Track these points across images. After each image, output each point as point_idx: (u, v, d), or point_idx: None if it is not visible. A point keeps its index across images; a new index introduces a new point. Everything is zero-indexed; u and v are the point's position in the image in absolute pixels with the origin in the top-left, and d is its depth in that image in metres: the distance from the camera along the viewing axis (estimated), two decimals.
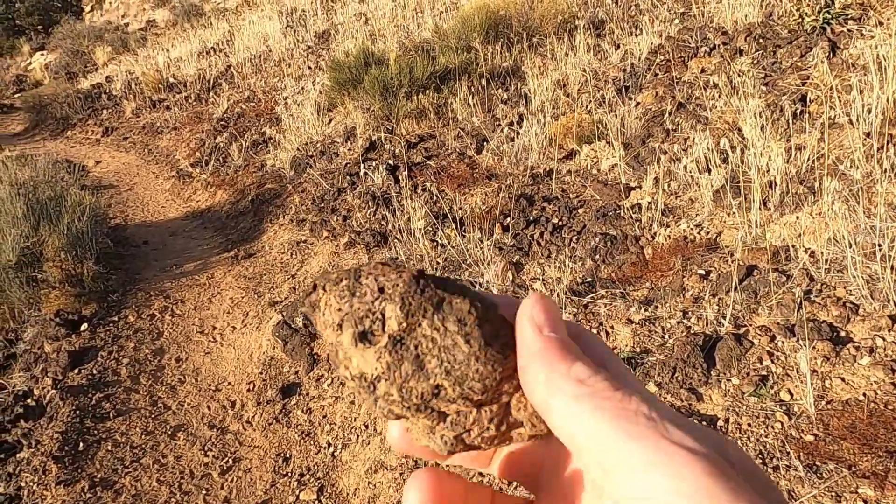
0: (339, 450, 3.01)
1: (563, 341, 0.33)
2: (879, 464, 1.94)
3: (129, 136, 9.83)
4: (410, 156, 5.41)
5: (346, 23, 9.74)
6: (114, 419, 3.42)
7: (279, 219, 5.50)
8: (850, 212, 2.91)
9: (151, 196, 7.28)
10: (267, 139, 7.11)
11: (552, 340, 0.33)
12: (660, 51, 5.35)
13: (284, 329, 3.78)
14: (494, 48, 6.55)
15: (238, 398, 3.52)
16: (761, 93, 4.16)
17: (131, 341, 4.12)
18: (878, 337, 2.41)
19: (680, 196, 3.78)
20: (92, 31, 18.74)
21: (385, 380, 0.34)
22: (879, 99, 3.43)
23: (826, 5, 4.48)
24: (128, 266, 5.25)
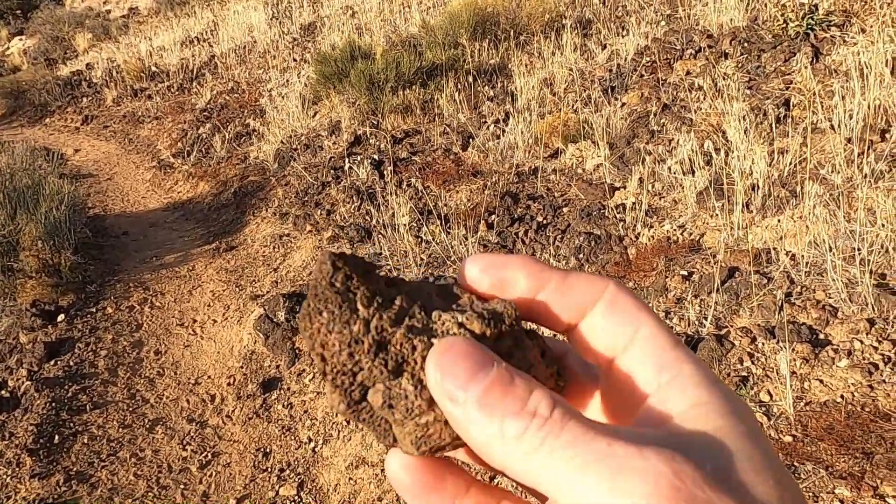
0: (320, 445, 3.00)
1: (483, 397, 0.29)
2: (856, 465, 1.97)
3: (109, 125, 9.69)
4: (396, 151, 5.39)
5: (332, 15, 9.68)
6: (90, 412, 3.38)
7: (262, 212, 5.46)
8: (831, 216, 2.95)
9: (132, 186, 7.18)
10: (250, 131, 7.04)
11: (472, 405, 0.29)
12: (646, 52, 5.38)
13: (266, 323, 3.75)
14: (481, 45, 6.54)
15: (218, 392, 3.49)
16: (745, 96, 4.20)
17: (109, 333, 4.07)
18: (857, 340, 2.45)
19: (664, 197, 3.81)
20: (72, 17, 18.42)
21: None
22: (861, 105, 3.48)
23: (809, 11, 4.53)
24: (107, 257, 5.17)
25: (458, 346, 0.30)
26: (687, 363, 0.31)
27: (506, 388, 0.29)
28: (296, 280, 4.28)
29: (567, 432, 0.28)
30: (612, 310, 0.33)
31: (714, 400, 0.30)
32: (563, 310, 0.34)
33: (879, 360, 2.34)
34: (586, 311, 0.34)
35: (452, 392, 0.29)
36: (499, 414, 0.28)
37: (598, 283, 0.34)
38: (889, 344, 2.39)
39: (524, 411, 0.28)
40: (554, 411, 0.28)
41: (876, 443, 2.02)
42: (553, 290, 0.34)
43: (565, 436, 0.28)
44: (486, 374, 0.29)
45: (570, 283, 0.34)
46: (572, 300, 0.34)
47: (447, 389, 0.29)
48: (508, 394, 0.29)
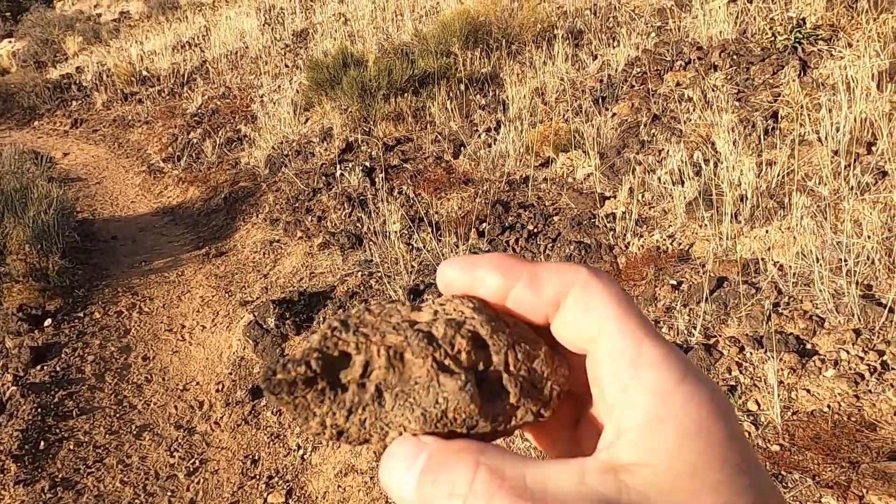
0: (309, 452, 2.99)
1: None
2: (842, 474, 1.99)
3: (98, 129, 9.63)
4: (387, 158, 5.40)
5: (324, 22, 9.69)
6: (77, 418, 3.35)
7: (252, 217, 5.44)
8: (818, 227, 2.99)
9: (121, 190, 7.14)
10: (242, 137, 7.03)
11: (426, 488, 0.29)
12: (636, 63, 5.42)
13: (255, 329, 3.74)
14: (474, 54, 6.58)
15: (206, 398, 3.47)
16: (734, 108, 4.24)
17: (97, 338, 4.04)
18: (843, 350, 2.47)
19: (653, 207, 3.84)
20: (63, 21, 18.34)
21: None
22: (847, 118, 3.53)
23: (797, 25, 4.59)
24: (95, 261, 5.14)
25: (396, 461, 0.31)
26: (649, 364, 0.29)
27: (432, 472, 0.30)
28: (286, 286, 4.27)
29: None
30: (581, 302, 0.32)
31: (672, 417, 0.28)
32: (537, 305, 0.33)
33: (865, 371, 2.36)
34: (559, 304, 0.33)
35: (398, 493, 0.30)
36: (428, 496, 0.29)
37: (569, 274, 0.32)
38: (875, 354, 2.42)
39: (447, 493, 0.29)
40: (475, 482, 0.28)
41: (862, 452, 2.04)
42: (524, 286, 0.33)
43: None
44: (416, 466, 0.30)
45: (540, 276, 0.33)
46: (543, 295, 0.33)
47: (394, 492, 0.31)
48: (436, 475, 0.29)
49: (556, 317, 0.33)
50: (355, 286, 3.97)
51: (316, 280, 4.23)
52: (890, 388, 2.26)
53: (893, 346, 2.44)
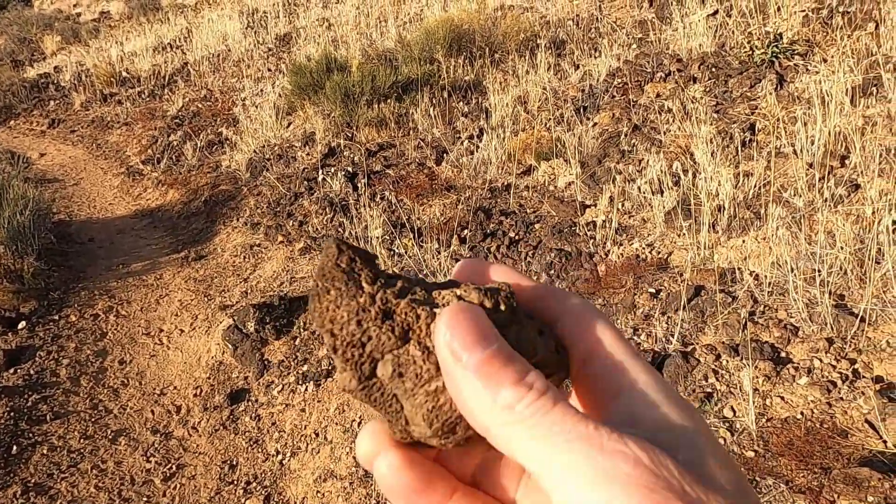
0: (288, 458, 2.97)
1: (485, 363, 0.31)
2: (815, 480, 2.03)
3: (76, 130, 9.51)
4: (370, 164, 5.40)
5: (308, 27, 9.68)
6: (51, 422, 3.30)
7: (233, 221, 5.41)
8: (793, 238, 3.05)
9: (99, 192, 7.05)
10: (223, 140, 6.99)
11: (473, 367, 0.31)
12: (617, 74, 5.49)
13: (235, 333, 3.71)
14: (457, 61, 6.61)
15: (184, 403, 3.43)
16: (712, 120, 4.32)
17: (72, 341, 3.98)
18: (816, 358, 2.53)
19: (633, 216, 3.89)
20: (41, 19, 18.09)
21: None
22: (822, 132, 3.61)
23: (774, 40, 4.69)
24: (71, 263, 5.07)
25: (469, 312, 0.33)
26: (644, 373, 0.34)
27: (506, 361, 0.31)
28: (266, 290, 4.25)
29: (556, 411, 0.30)
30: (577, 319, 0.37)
31: (672, 405, 0.33)
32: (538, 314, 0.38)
33: (837, 378, 2.41)
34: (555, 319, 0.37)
35: (458, 351, 0.31)
36: (495, 381, 0.31)
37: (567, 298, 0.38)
38: (846, 363, 2.47)
39: (521, 383, 0.31)
40: (547, 392, 0.31)
41: (833, 458, 2.09)
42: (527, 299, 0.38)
43: (554, 414, 0.30)
44: (490, 343, 0.32)
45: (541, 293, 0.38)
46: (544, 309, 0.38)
47: (453, 348, 0.31)
48: (508, 366, 0.31)
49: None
50: None
51: (297, 285, 4.22)
52: (861, 395, 2.32)
53: (865, 355, 2.49)
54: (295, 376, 3.40)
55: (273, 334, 3.68)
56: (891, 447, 2.09)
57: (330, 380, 3.32)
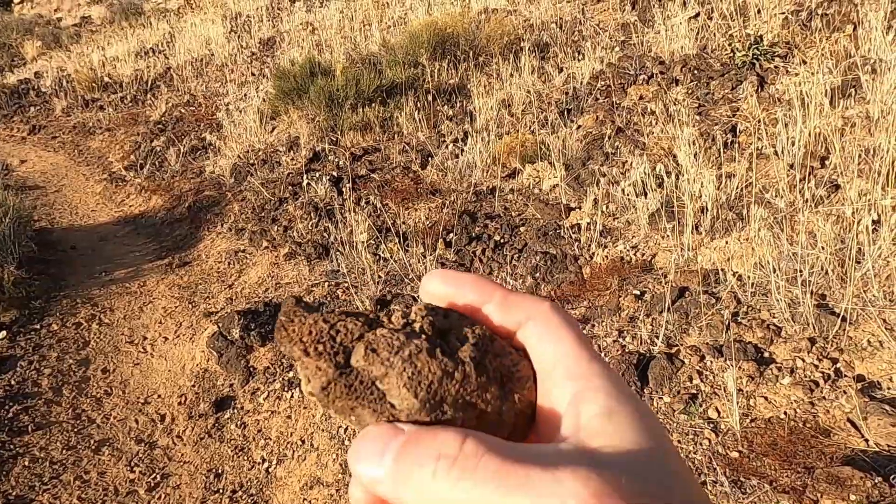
0: (274, 465, 2.95)
1: (398, 460, 0.30)
2: (798, 479, 2.05)
3: (58, 136, 9.41)
4: (354, 168, 5.39)
5: (291, 31, 9.65)
6: (32, 433, 3.25)
7: (217, 227, 5.37)
8: (775, 239, 3.08)
9: (81, 199, 6.98)
10: (206, 145, 6.94)
11: (391, 472, 0.30)
12: (601, 76, 5.52)
13: (220, 341, 3.68)
14: (441, 65, 6.62)
15: (168, 412, 3.40)
16: (695, 122, 4.35)
17: (54, 351, 3.93)
18: (798, 358, 2.55)
19: (617, 218, 3.91)
20: (21, 24, 17.89)
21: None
22: (802, 133, 3.65)
23: (755, 42, 4.74)
24: (53, 271, 5.01)
25: (367, 433, 0.32)
26: (598, 376, 0.34)
27: (414, 444, 0.31)
28: (251, 297, 4.22)
29: (483, 467, 0.29)
30: (543, 324, 0.37)
31: (623, 409, 0.32)
32: (503, 321, 0.38)
33: (819, 378, 2.44)
34: (522, 325, 0.38)
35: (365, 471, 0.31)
36: (408, 465, 0.30)
37: (536, 303, 0.38)
38: (828, 362, 2.50)
39: (433, 455, 0.30)
40: (464, 447, 0.29)
41: (816, 458, 2.10)
42: (496, 305, 0.38)
43: (482, 470, 0.29)
44: (395, 442, 0.31)
45: (511, 300, 0.38)
46: (511, 315, 0.38)
47: (363, 472, 0.31)
48: (419, 445, 0.30)
49: (519, 332, 0.38)
50: (322, 296, 3.95)
51: (282, 290, 4.19)
52: (843, 394, 2.34)
53: (846, 354, 2.52)
54: (281, 383, 3.38)
55: (258, 341, 3.65)
56: (872, 446, 2.11)
57: None
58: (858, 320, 2.62)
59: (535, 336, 0.37)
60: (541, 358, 0.36)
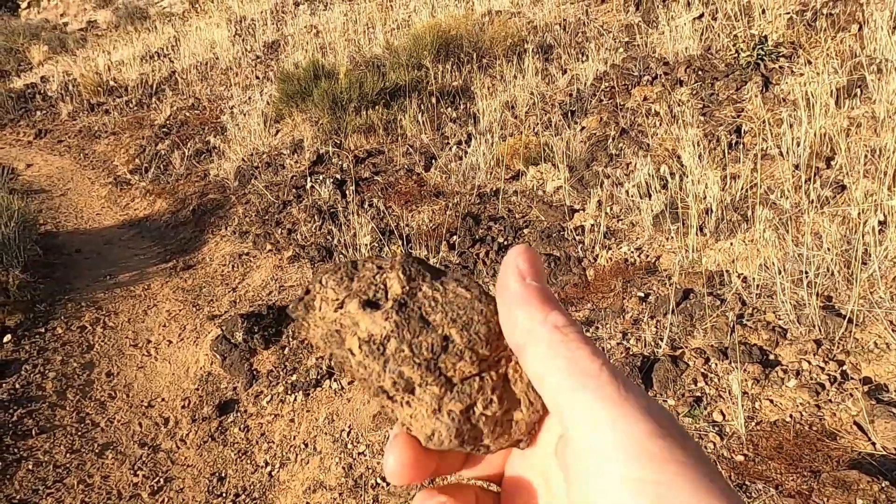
0: (277, 469, 2.94)
1: (544, 290, 0.34)
2: (804, 483, 2.03)
3: (64, 140, 9.45)
4: (358, 171, 5.39)
5: (296, 34, 9.67)
6: (36, 436, 3.25)
7: (221, 230, 5.38)
8: (780, 240, 3.05)
9: (86, 203, 7.00)
10: (211, 148, 6.95)
11: (533, 288, 0.34)
12: (605, 78, 5.51)
13: (223, 344, 3.68)
14: (445, 67, 6.61)
15: (172, 415, 3.40)
16: (699, 122, 4.33)
17: (59, 354, 3.94)
18: (804, 360, 2.52)
19: (622, 219, 3.89)
20: (28, 29, 18.00)
21: (395, 338, 0.35)
22: (807, 133, 3.62)
23: (760, 43, 4.71)
24: (58, 275, 5.02)
25: (535, 252, 0.36)
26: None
27: (555, 299, 0.35)
28: (255, 300, 4.22)
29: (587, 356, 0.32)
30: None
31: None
32: None
33: (826, 381, 2.41)
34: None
35: (525, 273, 0.35)
36: (550, 305, 0.34)
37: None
38: (835, 364, 2.47)
39: (569, 316, 0.34)
40: (582, 332, 0.34)
41: (822, 461, 2.08)
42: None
43: (585, 358, 0.32)
44: (545, 282, 0.35)
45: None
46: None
47: (521, 270, 0.35)
48: (557, 302, 0.35)
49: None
50: None
51: (285, 293, 4.19)
52: (849, 397, 2.31)
53: (853, 357, 2.49)
54: (284, 386, 3.38)
55: (262, 344, 3.65)
56: (879, 449, 2.09)
57: (319, 389, 3.30)
58: (865, 322, 2.60)
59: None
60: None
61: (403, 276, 0.36)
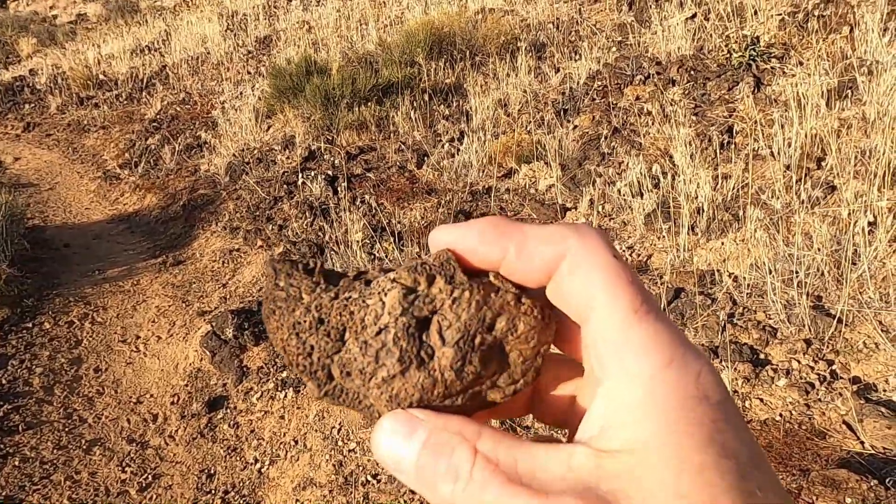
0: (267, 466, 2.93)
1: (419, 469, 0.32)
2: (794, 482, 2.04)
3: (52, 133, 9.37)
4: (350, 167, 5.37)
5: (288, 29, 9.62)
6: (23, 433, 3.22)
7: (212, 226, 5.35)
8: (771, 240, 3.07)
9: (75, 197, 6.94)
10: (202, 143, 6.91)
11: (413, 474, 0.32)
12: (597, 76, 5.51)
13: (213, 340, 3.66)
14: (438, 64, 6.60)
15: (161, 411, 3.38)
16: (691, 122, 4.34)
17: (46, 349, 3.90)
18: (794, 360, 2.54)
19: (614, 218, 3.89)
20: (16, 21, 17.83)
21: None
22: (798, 134, 3.64)
23: (752, 43, 4.73)
24: (45, 269, 4.98)
25: (388, 420, 0.33)
26: (634, 346, 0.30)
27: (435, 454, 0.31)
28: (245, 296, 4.20)
29: (488, 493, 0.29)
30: (571, 271, 0.32)
31: (651, 401, 0.29)
32: (528, 275, 0.33)
33: (815, 380, 2.43)
34: (551, 273, 0.33)
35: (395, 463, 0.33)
36: (429, 480, 0.31)
37: (558, 240, 0.32)
38: (824, 364, 2.49)
39: (451, 478, 0.31)
40: (473, 472, 0.30)
41: (812, 460, 2.09)
42: (514, 258, 0.33)
43: (487, 497, 0.29)
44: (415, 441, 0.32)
45: (529, 246, 0.33)
46: (534, 266, 0.33)
47: (391, 463, 0.33)
48: (439, 459, 0.31)
49: (549, 288, 0.33)
50: None
51: None
52: (839, 396, 2.33)
53: (842, 356, 2.51)
54: (274, 383, 3.36)
55: (252, 340, 3.63)
56: (868, 448, 2.10)
57: None
58: (854, 322, 2.61)
59: (567, 291, 0.32)
60: (575, 311, 0.32)
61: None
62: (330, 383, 0.34)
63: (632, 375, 0.29)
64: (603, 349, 0.31)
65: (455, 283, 0.34)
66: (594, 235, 0.32)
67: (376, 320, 0.33)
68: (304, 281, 0.35)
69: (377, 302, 0.34)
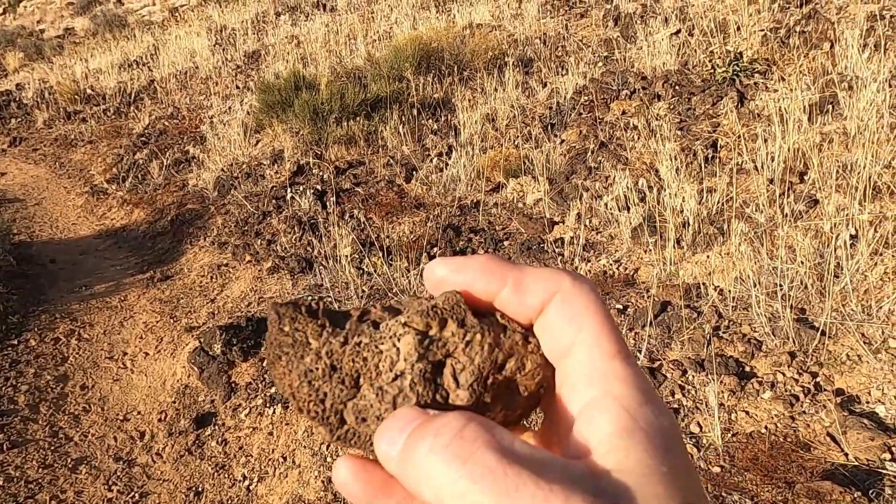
0: (255, 483, 2.91)
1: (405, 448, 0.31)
2: (779, 494, 2.06)
3: (39, 148, 9.32)
4: (339, 182, 5.38)
5: (277, 44, 9.66)
6: (7, 451, 3.19)
7: (200, 241, 5.33)
8: (755, 253, 3.11)
9: (61, 212, 6.90)
10: (190, 158, 6.90)
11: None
12: (584, 91, 5.57)
13: (201, 356, 3.64)
14: (426, 79, 6.65)
15: (148, 428, 3.35)
16: (676, 137, 4.40)
17: (31, 367, 3.87)
18: (779, 372, 2.57)
19: (601, 232, 3.93)
20: (3, 35, 17.77)
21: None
22: (781, 148, 3.70)
23: (735, 59, 4.81)
24: (31, 286, 4.94)
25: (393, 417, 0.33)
26: (618, 379, 0.31)
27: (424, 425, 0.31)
28: (233, 311, 4.19)
29: (477, 460, 0.28)
30: (562, 308, 0.34)
31: (637, 429, 0.30)
32: (521, 309, 0.35)
33: (800, 392, 2.45)
34: (544, 308, 0.34)
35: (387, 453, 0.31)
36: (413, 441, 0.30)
37: (553, 280, 0.34)
38: (808, 376, 2.52)
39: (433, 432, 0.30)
40: (464, 431, 0.29)
41: (797, 472, 2.11)
42: (509, 292, 0.35)
43: (474, 464, 0.28)
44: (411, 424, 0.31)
45: (524, 283, 0.34)
46: (527, 301, 0.34)
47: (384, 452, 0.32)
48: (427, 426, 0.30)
49: (538, 322, 0.35)
50: None
51: (264, 305, 4.16)
52: (823, 408, 2.36)
53: (826, 368, 2.54)
54: (263, 399, 3.35)
55: (240, 356, 3.62)
56: (852, 460, 2.13)
57: None
58: (837, 334, 2.65)
59: (555, 326, 0.34)
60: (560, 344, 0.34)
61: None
62: (342, 428, 0.35)
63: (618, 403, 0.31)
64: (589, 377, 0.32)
65: (467, 327, 0.35)
66: (587, 280, 0.35)
67: (392, 366, 0.34)
68: (310, 325, 0.35)
69: (391, 348, 0.34)
